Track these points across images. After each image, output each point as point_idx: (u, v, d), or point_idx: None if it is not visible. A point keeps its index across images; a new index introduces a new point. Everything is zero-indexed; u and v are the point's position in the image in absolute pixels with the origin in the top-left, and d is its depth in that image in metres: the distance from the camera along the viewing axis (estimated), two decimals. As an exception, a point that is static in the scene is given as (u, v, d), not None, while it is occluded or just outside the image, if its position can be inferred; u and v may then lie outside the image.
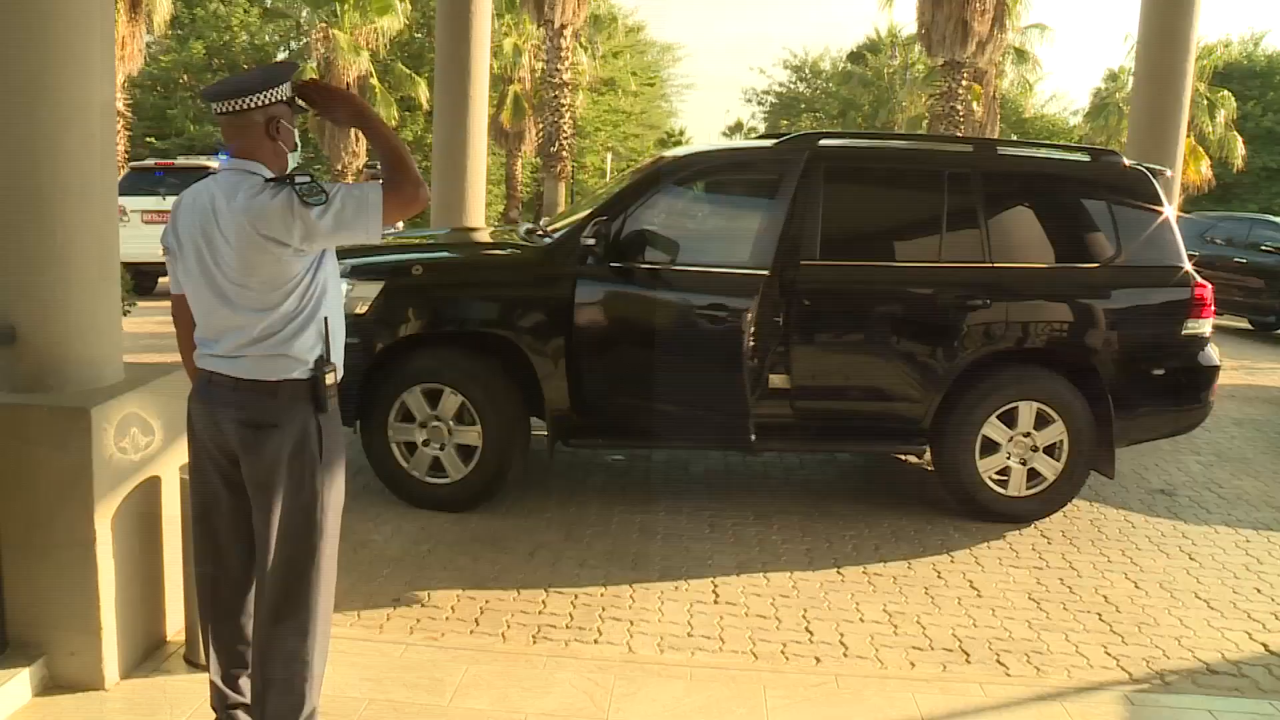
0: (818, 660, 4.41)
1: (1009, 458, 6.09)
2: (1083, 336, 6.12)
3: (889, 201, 6.49)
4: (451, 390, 5.85)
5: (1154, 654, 4.60)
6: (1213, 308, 6.27)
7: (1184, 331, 6.16)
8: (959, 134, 25.21)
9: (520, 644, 4.43)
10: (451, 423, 5.89)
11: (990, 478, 6.11)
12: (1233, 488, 7.19)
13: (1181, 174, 10.09)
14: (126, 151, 24.17)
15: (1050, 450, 6.09)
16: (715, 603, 4.95)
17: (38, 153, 3.57)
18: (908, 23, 42.37)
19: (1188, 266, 6.19)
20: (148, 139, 30.84)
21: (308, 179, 3.00)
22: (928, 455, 6.33)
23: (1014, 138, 38.61)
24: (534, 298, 5.98)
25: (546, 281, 6.00)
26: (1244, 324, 16.18)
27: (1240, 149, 29.55)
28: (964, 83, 26.72)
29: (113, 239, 3.89)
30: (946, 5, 24.99)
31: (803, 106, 48.24)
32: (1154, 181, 6.28)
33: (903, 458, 7.36)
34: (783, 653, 4.47)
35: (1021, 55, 30.98)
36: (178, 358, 3.42)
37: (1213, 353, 6.31)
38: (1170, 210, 6.29)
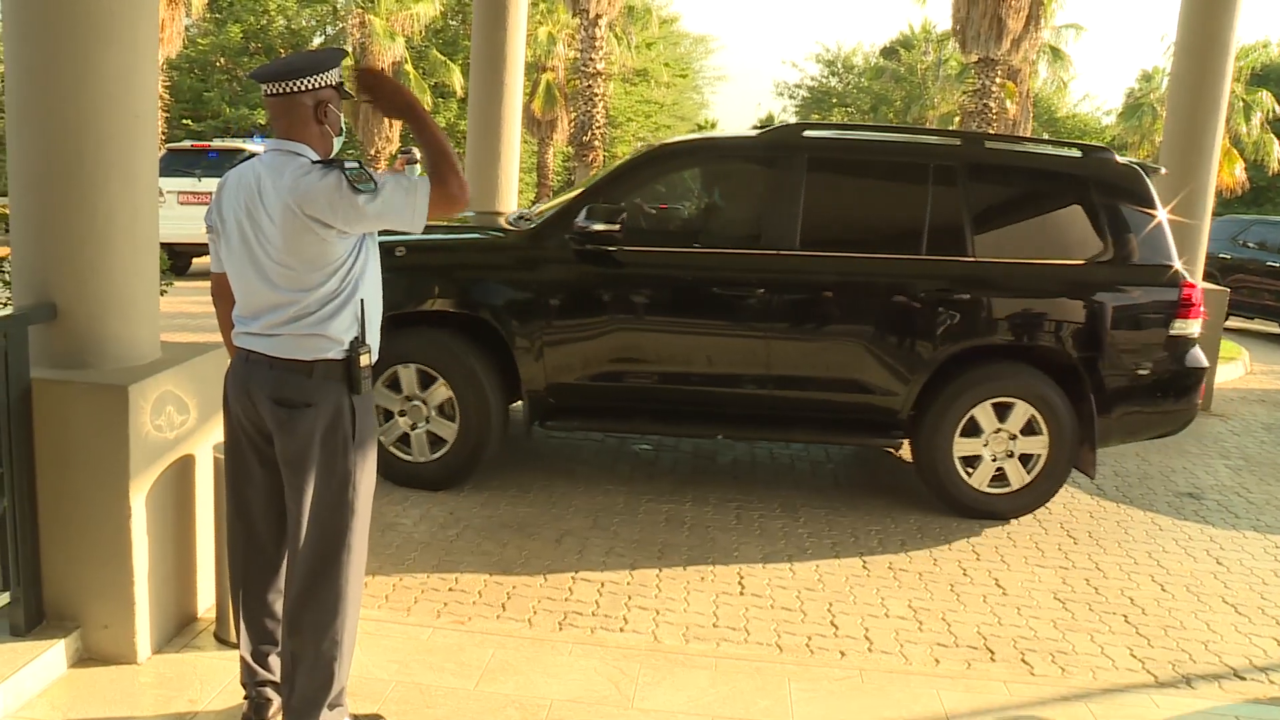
0: (842, 654, 4.41)
1: (988, 453, 6.07)
2: (1066, 333, 6.04)
3: (872, 193, 6.45)
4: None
5: (1180, 658, 4.58)
6: (1201, 308, 6.15)
7: (1171, 332, 6.04)
8: (991, 132, 25.05)
9: (546, 630, 4.46)
10: (429, 402, 6.02)
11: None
12: (1262, 493, 7.14)
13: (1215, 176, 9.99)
14: (164, 133, 24.33)
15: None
16: (741, 594, 4.96)
17: (83, 132, 3.61)
18: (942, 19, 42.15)
19: (1178, 265, 6.09)
20: (184, 121, 31.01)
21: (356, 165, 3.04)
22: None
23: (1046, 136, 38.38)
24: (512, 280, 6.10)
25: (526, 265, 6.11)
26: (1275, 329, 16.01)
27: (1276, 151, 29.20)
28: (998, 80, 26.55)
29: (153, 219, 3.92)
30: (981, 2, 24.83)
31: (834, 101, 48.00)
32: (1146, 179, 6.20)
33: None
34: (807, 646, 4.48)
35: (1056, 54, 30.74)
36: (213, 337, 3.45)
37: (1200, 354, 6.19)
38: (1162, 210, 6.17)
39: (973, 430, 6.05)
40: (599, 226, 5.89)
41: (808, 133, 6.42)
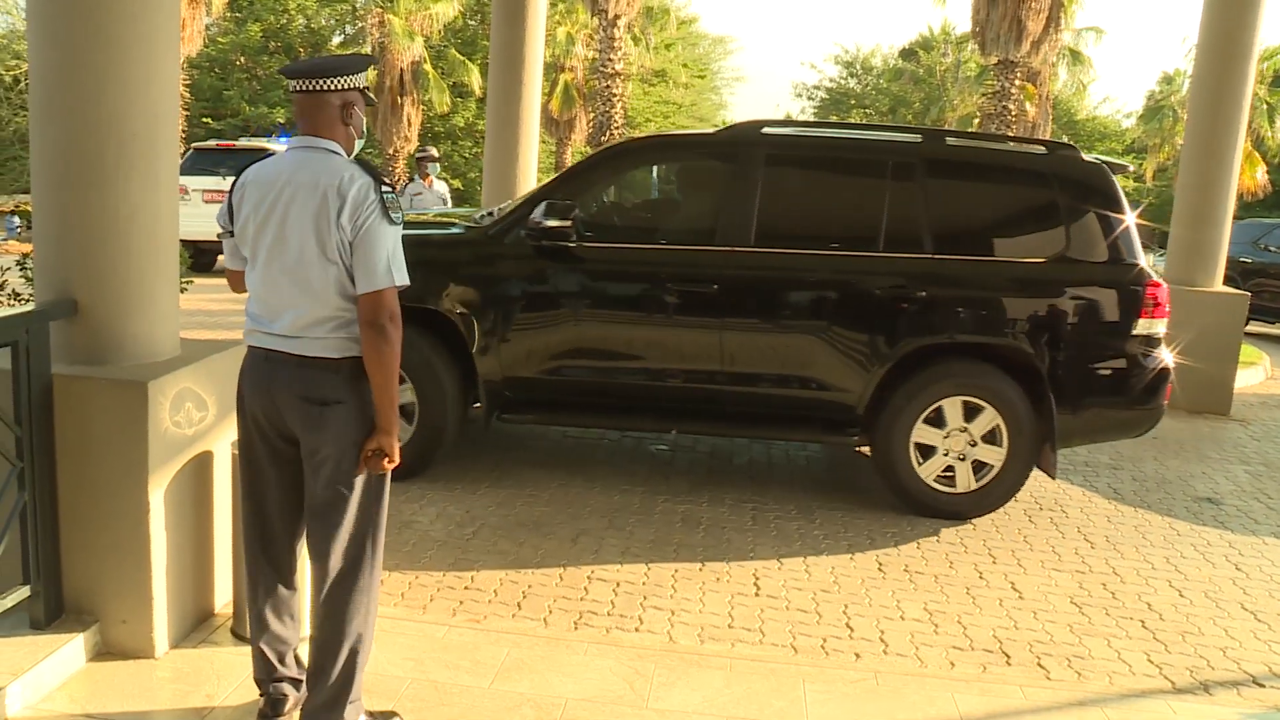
0: (857, 656, 4.41)
1: (946, 454, 6.04)
2: (1025, 332, 5.99)
3: (829, 190, 6.46)
4: None
5: (1198, 664, 4.56)
6: (1166, 308, 6.08)
7: (1134, 331, 5.98)
8: (1009, 134, 24.95)
9: (562, 629, 4.47)
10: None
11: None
12: (1282, 499, 7.10)
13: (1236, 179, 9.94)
14: (184, 131, 24.47)
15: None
16: (756, 595, 4.96)
17: (104, 131, 3.63)
18: (961, 20, 42.00)
19: (1142, 264, 6.03)
20: (204, 119, 31.16)
21: (390, 191, 3.10)
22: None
23: (1064, 139, 38.14)
24: (470, 275, 6.17)
25: (483, 260, 6.19)
26: (1297, 333, 15.93)
27: (1300, 154, 29.01)
28: (1017, 82, 26.45)
29: (173, 217, 3.95)
30: (1001, 3, 24.74)
31: (853, 102, 47.92)
32: (1111, 177, 6.14)
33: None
34: (823, 647, 4.47)
35: (1076, 56, 30.60)
36: (231, 334, 3.46)
37: (1166, 354, 6.11)
38: (1129, 211, 6.10)
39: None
40: (551, 223, 5.97)
41: (766, 130, 6.43)
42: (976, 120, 30.51)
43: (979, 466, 6.06)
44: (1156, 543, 6.03)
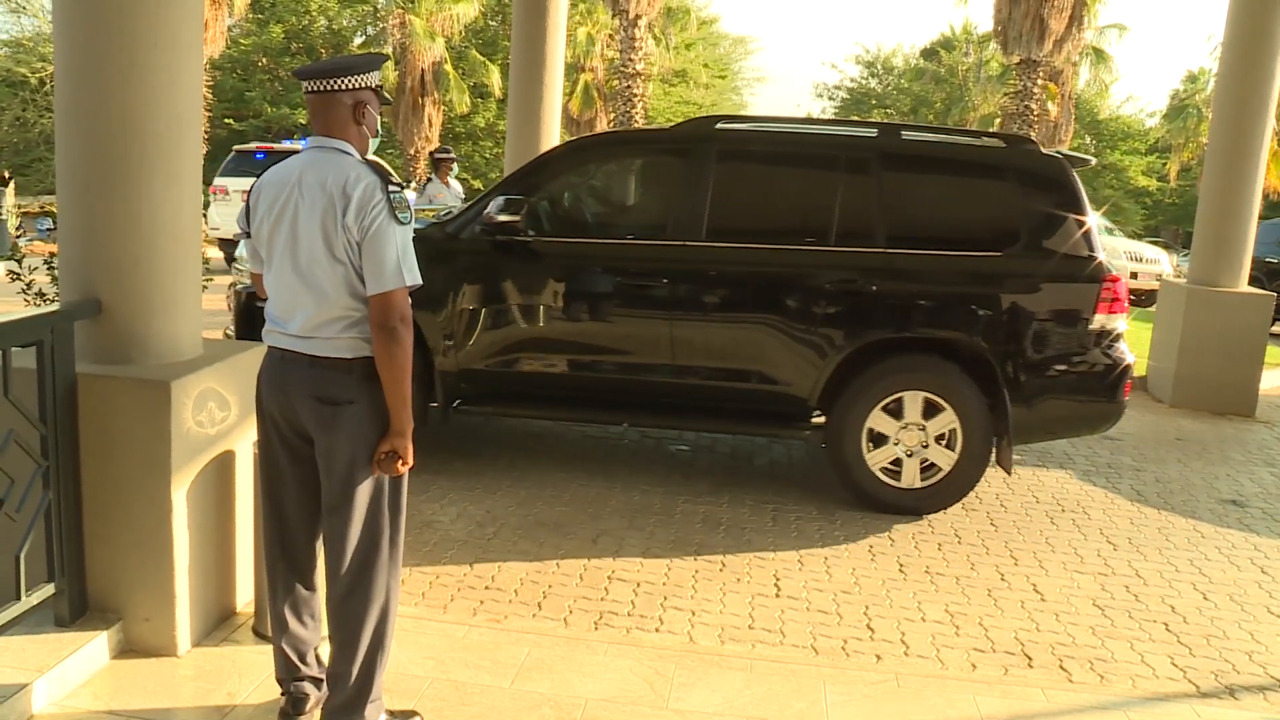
0: (879, 658, 4.39)
1: (899, 448, 6.02)
2: (979, 326, 5.95)
3: (782, 184, 6.47)
4: None
5: (1223, 667, 4.52)
6: (1125, 303, 6.04)
7: (1091, 326, 5.94)
8: (1031, 134, 24.83)
9: (582, 629, 4.47)
10: None
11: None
12: (1308, 501, 7.03)
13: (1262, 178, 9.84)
14: (206, 132, 24.64)
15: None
16: (777, 596, 4.95)
17: (128, 133, 3.65)
18: (983, 19, 41.82)
19: (1101, 258, 5.98)
20: (226, 120, 31.36)
21: (399, 191, 3.10)
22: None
23: (1087, 139, 38.03)
24: (427, 270, 6.11)
25: (441, 255, 6.21)
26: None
27: (1327, 154, 28.69)
28: (1039, 81, 26.34)
29: (195, 217, 3.96)
30: (1023, 2, 24.65)
31: (874, 102, 47.83)
32: (1070, 170, 6.09)
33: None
34: (843, 649, 4.46)
35: (1099, 55, 30.44)
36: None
37: (1125, 350, 6.04)
38: (1089, 205, 6.05)
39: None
40: (504, 218, 6.05)
41: (720, 125, 6.47)
42: (998, 120, 30.39)
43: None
44: (1180, 545, 5.99)
